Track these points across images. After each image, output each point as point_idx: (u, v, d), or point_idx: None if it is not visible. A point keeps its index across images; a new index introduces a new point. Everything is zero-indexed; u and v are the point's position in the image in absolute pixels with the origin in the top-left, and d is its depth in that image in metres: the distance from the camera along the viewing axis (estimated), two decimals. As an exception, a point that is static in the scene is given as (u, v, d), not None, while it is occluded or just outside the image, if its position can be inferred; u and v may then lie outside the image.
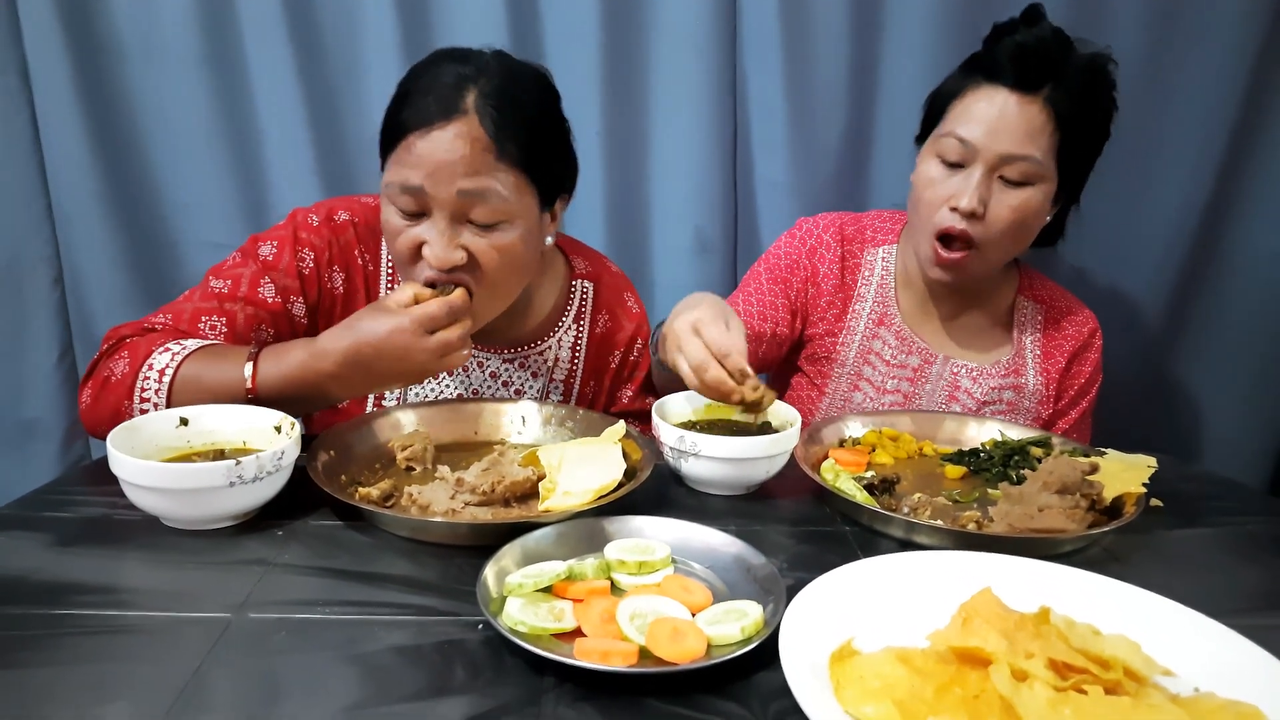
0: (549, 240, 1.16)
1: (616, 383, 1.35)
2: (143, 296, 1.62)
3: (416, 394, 1.24)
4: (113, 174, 1.56)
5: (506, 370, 1.26)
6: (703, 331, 0.99)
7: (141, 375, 0.98)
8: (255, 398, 0.98)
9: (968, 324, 1.41)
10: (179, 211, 1.61)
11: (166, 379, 0.98)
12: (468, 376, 1.25)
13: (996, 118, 1.19)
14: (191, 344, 1.02)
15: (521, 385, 1.27)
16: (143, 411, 0.97)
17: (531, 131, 1.05)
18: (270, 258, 1.13)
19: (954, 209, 1.22)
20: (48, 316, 1.62)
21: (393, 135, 1.04)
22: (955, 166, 1.23)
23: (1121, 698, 0.57)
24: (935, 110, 1.29)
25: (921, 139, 1.33)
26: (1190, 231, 1.67)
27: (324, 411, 1.28)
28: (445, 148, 1.00)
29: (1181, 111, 1.58)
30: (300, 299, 1.14)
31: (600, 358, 1.32)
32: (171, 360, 0.99)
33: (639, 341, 1.34)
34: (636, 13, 1.56)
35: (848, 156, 1.65)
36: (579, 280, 1.31)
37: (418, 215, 1.04)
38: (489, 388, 1.26)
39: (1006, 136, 1.18)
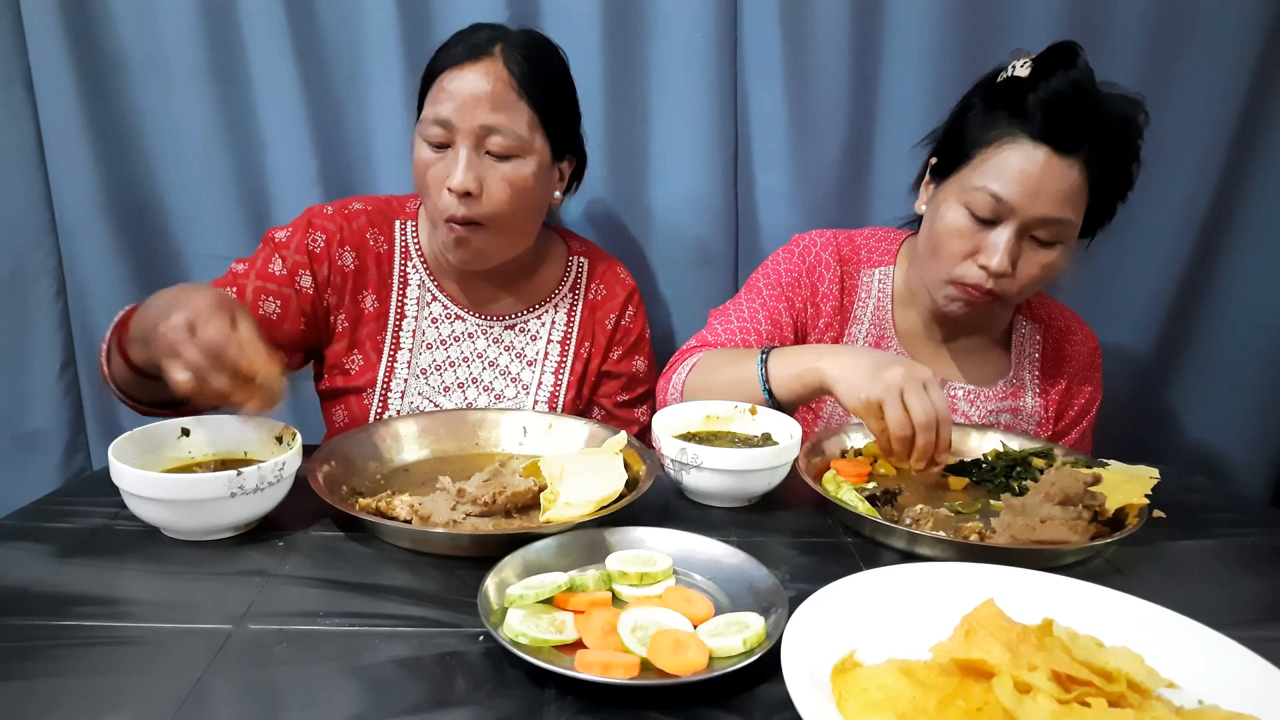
0: (557, 195, 1.29)
1: (610, 344, 1.42)
2: (145, 308, 1.62)
3: (421, 368, 1.28)
4: (116, 186, 1.56)
5: (508, 335, 1.35)
6: (930, 391, 0.99)
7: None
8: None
9: (965, 346, 1.39)
10: (182, 224, 1.61)
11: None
12: (473, 343, 1.33)
13: (1036, 178, 1.13)
14: None
15: (522, 349, 1.35)
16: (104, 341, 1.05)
17: (548, 81, 1.20)
18: (283, 240, 1.24)
19: (982, 267, 1.18)
20: (50, 329, 1.62)
21: (428, 81, 1.19)
22: (984, 220, 1.18)
23: (1125, 710, 0.57)
24: (959, 146, 1.23)
25: (939, 170, 1.27)
26: (1190, 243, 1.68)
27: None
28: (472, 83, 1.14)
29: (1181, 123, 1.59)
30: (307, 273, 1.24)
31: (595, 322, 1.41)
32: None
33: (630, 308, 1.43)
34: (637, 25, 1.56)
35: (849, 168, 1.65)
36: (575, 257, 1.43)
37: (444, 148, 1.16)
38: (492, 352, 1.33)
39: (1045, 199, 1.14)
